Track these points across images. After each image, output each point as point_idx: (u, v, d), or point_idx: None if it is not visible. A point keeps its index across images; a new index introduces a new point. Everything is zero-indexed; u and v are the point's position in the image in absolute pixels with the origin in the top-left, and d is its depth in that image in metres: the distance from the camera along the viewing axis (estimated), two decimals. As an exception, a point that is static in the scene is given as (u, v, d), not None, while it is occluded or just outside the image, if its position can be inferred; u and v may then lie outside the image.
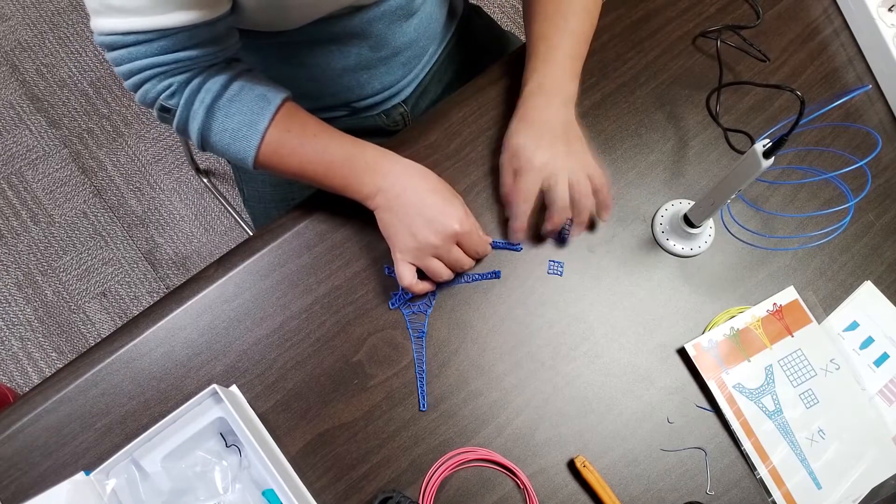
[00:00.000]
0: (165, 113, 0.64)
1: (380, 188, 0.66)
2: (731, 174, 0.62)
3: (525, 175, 0.68)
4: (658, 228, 0.75)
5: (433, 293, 0.71)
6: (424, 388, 0.69)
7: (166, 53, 0.59)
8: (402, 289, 0.68)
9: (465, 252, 0.68)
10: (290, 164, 0.67)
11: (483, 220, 0.75)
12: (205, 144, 0.66)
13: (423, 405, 0.68)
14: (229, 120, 0.64)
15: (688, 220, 0.72)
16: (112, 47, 0.59)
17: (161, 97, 0.62)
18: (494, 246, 0.73)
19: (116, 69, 0.61)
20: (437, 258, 0.67)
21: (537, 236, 0.74)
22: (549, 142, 0.68)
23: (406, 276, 0.66)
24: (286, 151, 0.66)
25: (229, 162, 0.66)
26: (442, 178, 0.68)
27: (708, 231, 0.75)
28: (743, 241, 0.75)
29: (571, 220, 0.71)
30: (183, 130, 0.65)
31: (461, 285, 0.72)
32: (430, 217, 0.65)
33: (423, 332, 0.70)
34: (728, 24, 0.83)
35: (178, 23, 0.57)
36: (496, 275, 0.72)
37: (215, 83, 0.63)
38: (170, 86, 0.61)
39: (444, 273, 0.68)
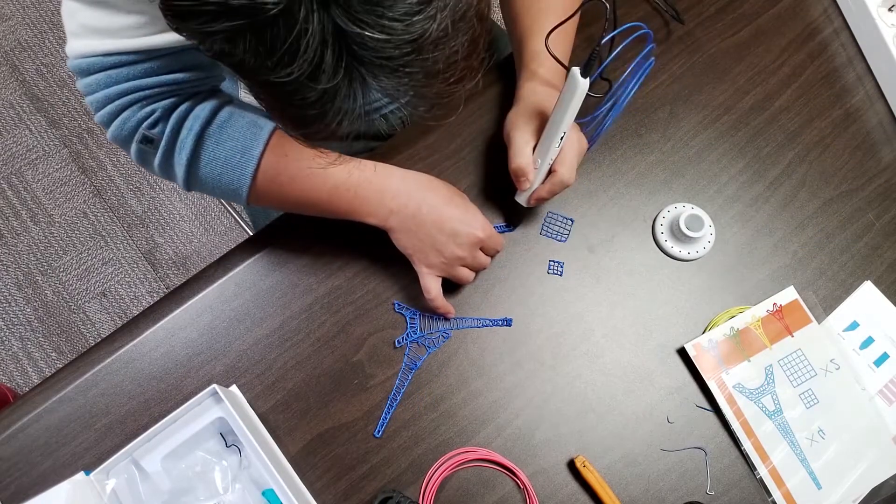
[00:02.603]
0: (146, 145, 0.58)
1: (392, 211, 0.64)
2: (559, 102, 0.60)
3: (574, 156, 0.65)
4: (659, 233, 0.75)
5: (446, 334, 0.71)
6: (388, 416, 0.68)
7: (151, 76, 0.55)
8: (419, 307, 0.69)
9: (485, 253, 0.68)
10: (290, 193, 0.63)
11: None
12: (192, 179, 0.61)
13: (379, 432, 0.67)
14: (220, 148, 0.59)
15: (688, 224, 0.72)
16: (88, 71, 0.54)
17: (143, 126, 0.57)
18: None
19: (89, 98, 0.56)
20: (464, 266, 0.67)
21: (537, 240, 0.74)
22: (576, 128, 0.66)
23: (433, 289, 0.66)
24: (285, 179, 0.62)
25: (220, 199, 0.60)
26: (445, 181, 0.68)
27: (708, 236, 0.75)
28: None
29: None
30: (166, 165, 0.60)
31: (471, 329, 0.72)
32: (452, 231, 0.64)
33: (416, 366, 0.70)
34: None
35: (166, 43, 0.53)
36: (507, 322, 0.72)
37: (203, 109, 0.59)
38: (152, 112, 0.57)
39: (470, 277, 0.68)
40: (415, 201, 0.64)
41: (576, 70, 0.57)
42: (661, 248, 0.75)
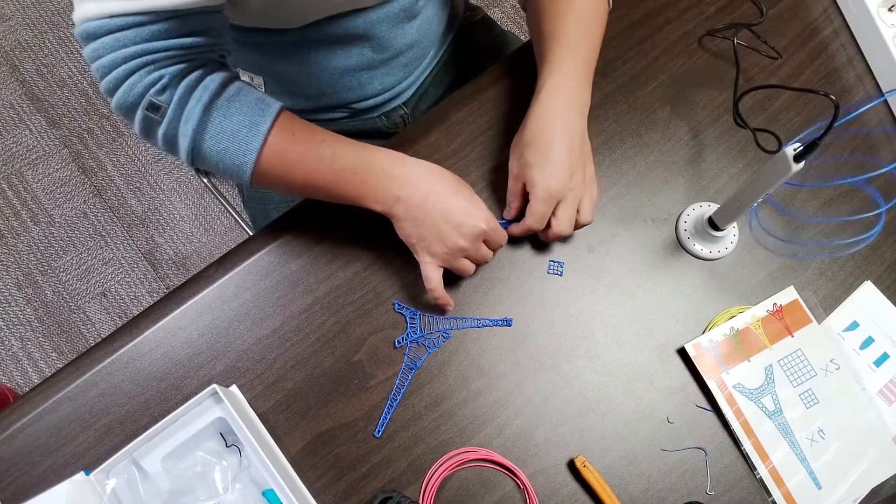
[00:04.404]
0: (153, 113, 0.57)
1: (398, 198, 0.63)
2: (758, 177, 0.62)
3: (539, 202, 0.66)
4: (682, 231, 0.75)
5: (446, 334, 0.71)
6: (389, 416, 0.68)
7: (159, 40, 0.54)
8: (423, 297, 0.68)
9: (487, 245, 0.68)
10: (295, 173, 0.63)
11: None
12: (196, 152, 0.60)
13: (379, 432, 0.67)
14: (228, 121, 0.59)
15: (712, 224, 0.72)
16: (95, 35, 0.54)
17: (150, 92, 0.56)
18: None
19: (95, 64, 0.55)
20: (466, 258, 0.67)
21: (537, 240, 0.74)
22: (565, 166, 0.65)
23: (434, 279, 0.65)
24: (292, 158, 0.62)
25: (223, 176, 0.60)
26: (452, 172, 0.67)
27: (732, 234, 0.75)
28: (775, 241, 0.75)
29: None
30: (172, 136, 0.59)
31: (471, 329, 0.72)
32: (457, 222, 0.64)
33: (416, 366, 0.70)
34: (736, 22, 0.83)
35: (175, 5, 0.53)
36: (507, 322, 0.72)
37: (213, 81, 0.58)
38: (160, 78, 0.56)
39: (471, 269, 0.68)
40: (422, 190, 0.64)
41: (790, 152, 0.57)
42: (686, 248, 0.75)
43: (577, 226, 0.69)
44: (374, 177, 0.64)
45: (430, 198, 0.64)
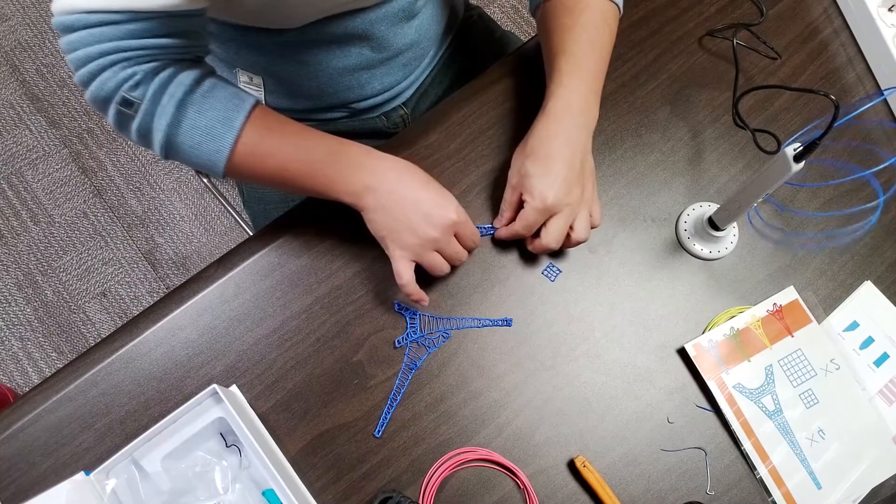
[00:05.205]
0: (126, 108, 0.57)
1: (368, 187, 0.63)
2: (758, 177, 0.62)
3: (532, 211, 0.66)
4: (682, 231, 0.75)
5: (446, 334, 0.71)
6: (389, 416, 0.68)
7: (135, 38, 0.54)
8: (399, 294, 0.67)
9: (460, 241, 0.67)
10: (268, 166, 0.63)
11: (483, 218, 0.75)
12: (170, 147, 0.60)
13: (379, 432, 0.67)
14: (201, 116, 0.59)
15: (712, 223, 0.72)
16: (71, 28, 0.54)
17: (123, 87, 0.56)
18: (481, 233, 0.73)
19: (70, 56, 0.55)
20: (438, 252, 0.65)
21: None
22: (564, 180, 0.65)
23: (405, 274, 0.64)
24: (264, 150, 0.62)
25: (196, 168, 0.60)
26: (432, 177, 0.67)
27: (732, 234, 0.75)
28: (771, 240, 0.76)
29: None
30: (146, 130, 0.59)
31: (471, 329, 0.72)
32: (427, 211, 0.63)
33: (416, 366, 0.69)
34: (736, 22, 0.83)
35: (153, 6, 0.53)
36: (507, 322, 0.72)
37: (187, 77, 0.58)
38: (133, 75, 0.56)
39: (445, 267, 0.66)
40: (390, 180, 0.63)
41: (790, 152, 0.57)
42: (686, 248, 0.75)
43: (570, 243, 0.68)
44: (345, 167, 0.64)
45: (399, 187, 0.63)
